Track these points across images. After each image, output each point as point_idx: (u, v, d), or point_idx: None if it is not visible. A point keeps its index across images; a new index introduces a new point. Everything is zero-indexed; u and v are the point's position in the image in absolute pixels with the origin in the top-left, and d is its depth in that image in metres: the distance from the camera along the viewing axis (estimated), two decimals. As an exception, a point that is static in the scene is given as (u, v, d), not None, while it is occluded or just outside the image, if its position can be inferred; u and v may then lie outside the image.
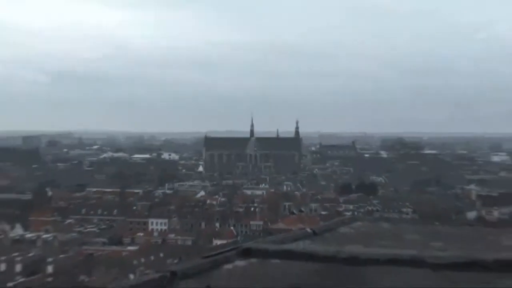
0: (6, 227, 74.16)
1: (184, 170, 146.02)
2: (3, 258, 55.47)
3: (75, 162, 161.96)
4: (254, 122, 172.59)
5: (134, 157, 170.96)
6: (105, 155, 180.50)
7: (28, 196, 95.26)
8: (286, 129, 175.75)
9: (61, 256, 57.90)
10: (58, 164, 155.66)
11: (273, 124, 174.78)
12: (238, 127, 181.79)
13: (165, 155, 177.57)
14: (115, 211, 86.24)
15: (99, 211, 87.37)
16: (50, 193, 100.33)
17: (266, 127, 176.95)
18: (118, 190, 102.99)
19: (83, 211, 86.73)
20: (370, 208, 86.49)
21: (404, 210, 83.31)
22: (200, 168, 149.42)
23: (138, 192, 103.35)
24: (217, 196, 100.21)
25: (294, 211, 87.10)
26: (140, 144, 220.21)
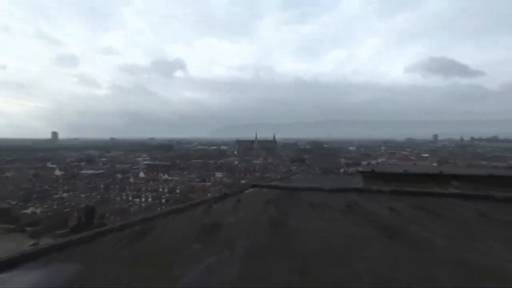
0: (161, 174, 74.36)
1: (228, 153, 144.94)
2: (160, 186, 55.91)
3: (187, 150, 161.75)
4: (257, 133, 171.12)
5: (210, 148, 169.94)
6: (198, 147, 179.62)
7: (168, 163, 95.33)
8: (269, 136, 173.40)
9: (181, 186, 57.83)
10: (180, 151, 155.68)
11: (265, 134, 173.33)
12: (249, 135, 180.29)
13: (222, 147, 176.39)
14: (202, 169, 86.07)
15: (196, 169, 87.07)
16: (177, 162, 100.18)
17: (262, 135, 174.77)
18: (203, 161, 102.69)
19: (190, 168, 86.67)
20: (302, 169, 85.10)
21: (315, 169, 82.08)
22: (236, 153, 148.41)
23: (211, 161, 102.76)
24: (242, 163, 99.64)
25: (272, 169, 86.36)
26: (212, 142, 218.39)
